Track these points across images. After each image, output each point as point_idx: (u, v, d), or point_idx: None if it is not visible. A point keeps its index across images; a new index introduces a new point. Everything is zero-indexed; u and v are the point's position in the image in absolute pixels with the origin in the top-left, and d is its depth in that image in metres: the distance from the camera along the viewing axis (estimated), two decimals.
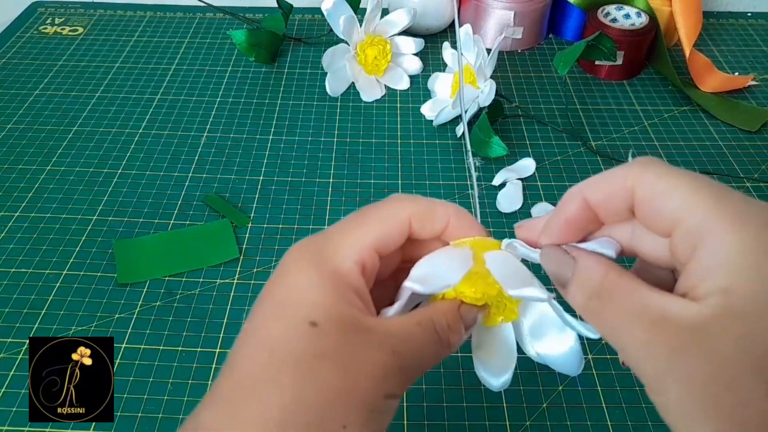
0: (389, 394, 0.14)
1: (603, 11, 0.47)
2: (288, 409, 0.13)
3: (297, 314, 0.14)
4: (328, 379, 0.13)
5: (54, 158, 0.39)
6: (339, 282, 0.14)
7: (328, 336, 0.13)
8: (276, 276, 0.15)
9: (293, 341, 0.13)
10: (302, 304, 0.14)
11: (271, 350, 0.13)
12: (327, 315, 0.14)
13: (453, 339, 0.16)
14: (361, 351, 0.14)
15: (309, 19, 0.54)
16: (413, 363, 0.14)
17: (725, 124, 0.43)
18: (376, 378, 0.13)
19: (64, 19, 0.54)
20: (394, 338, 0.14)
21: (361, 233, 0.15)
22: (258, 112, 0.44)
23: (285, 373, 0.13)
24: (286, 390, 0.13)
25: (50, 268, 0.32)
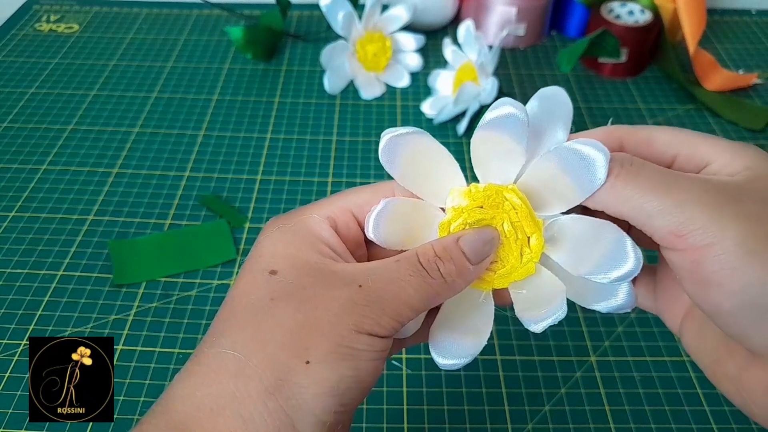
0: (360, 328, 0.13)
1: (607, 8, 0.46)
2: (245, 350, 0.13)
3: (257, 266, 0.14)
4: (283, 317, 0.13)
5: (49, 158, 0.39)
6: (303, 233, 0.14)
7: (286, 279, 0.13)
8: (256, 242, 0.15)
9: (252, 290, 0.14)
10: (263, 256, 0.14)
11: (234, 304, 0.14)
12: (288, 263, 0.14)
13: (445, 268, 0.14)
14: (321, 289, 0.13)
15: (307, 16, 0.53)
16: (389, 296, 0.13)
17: (729, 122, 0.43)
18: (337, 311, 0.13)
19: (60, 17, 0.53)
20: (362, 274, 0.14)
21: (335, 198, 0.16)
22: (255, 111, 0.43)
23: (242, 320, 0.13)
24: (241, 333, 0.13)
25: (46, 269, 0.32)
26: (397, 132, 0.15)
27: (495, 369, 0.28)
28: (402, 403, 0.27)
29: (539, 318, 0.15)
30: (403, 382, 0.27)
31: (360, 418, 0.26)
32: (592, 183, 0.13)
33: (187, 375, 0.13)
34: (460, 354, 0.15)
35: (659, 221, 0.13)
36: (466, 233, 0.15)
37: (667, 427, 0.26)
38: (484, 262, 0.15)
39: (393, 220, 0.15)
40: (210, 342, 0.13)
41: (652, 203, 0.13)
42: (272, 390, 0.12)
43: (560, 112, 0.15)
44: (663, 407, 0.27)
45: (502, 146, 0.14)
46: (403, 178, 0.15)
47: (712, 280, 0.13)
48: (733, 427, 0.26)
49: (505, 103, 0.14)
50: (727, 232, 0.12)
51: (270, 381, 0.12)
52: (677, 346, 0.29)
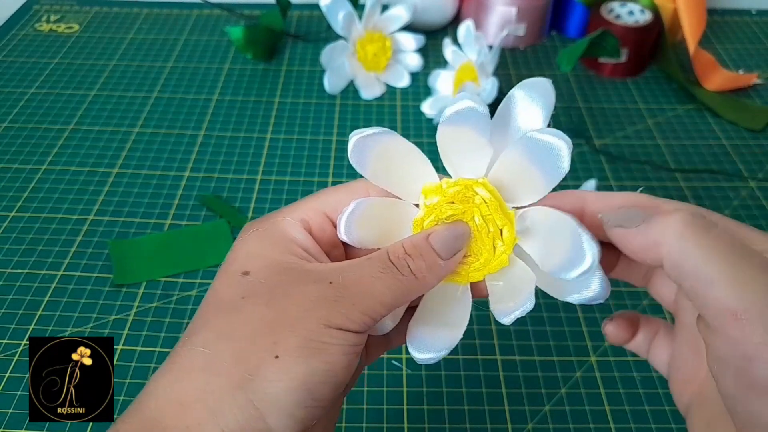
0: (329, 323, 0.13)
1: (607, 8, 0.46)
2: (214, 346, 0.13)
3: (231, 268, 0.14)
4: (253, 314, 0.13)
5: (50, 158, 0.39)
6: (276, 234, 0.15)
7: (257, 279, 0.14)
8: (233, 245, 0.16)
9: (224, 291, 0.14)
10: (237, 258, 0.15)
11: (207, 305, 0.14)
12: (260, 263, 0.14)
13: (417, 266, 0.14)
14: (292, 286, 0.13)
15: (307, 16, 0.53)
16: (359, 293, 0.13)
17: (729, 122, 0.43)
18: (307, 307, 0.13)
19: (60, 17, 0.53)
20: (333, 272, 0.14)
21: (309, 199, 0.16)
22: (256, 110, 0.43)
23: (211, 317, 0.14)
24: (211, 330, 0.13)
25: (46, 269, 0.32)
26: (364, 133, 0.15)
27: (495, 369, 0.28)
28: (402, 403, 0.27)
29: (509, 311, 0.15)
30: (403, 382, 0.27)
31: (360, 418, 0.26)
32: (558, 172, 0.14)
33: (161, 373, 0.13)
34: (436, 348, 0.15)
35: (719, 291, 0.11)
36: (437, 229, 0.15)
37: (667, 427, 0.26)
38: (455, 257, 0.15)
39: (365, 221, 0.15)
40: (184, 341, 0.13)
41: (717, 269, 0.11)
42: (241, 384, 0.12)
43: (541, 100, 0.15)
44: (663, 407, 0.27)
45: (467, 140, 0.14)
46: (375, 177, 0.15)
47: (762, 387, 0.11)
48: None
49: (464, 98, 0.14)
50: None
51: (239, 375, 0.12)
52: None
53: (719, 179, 0.38)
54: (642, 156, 0.40)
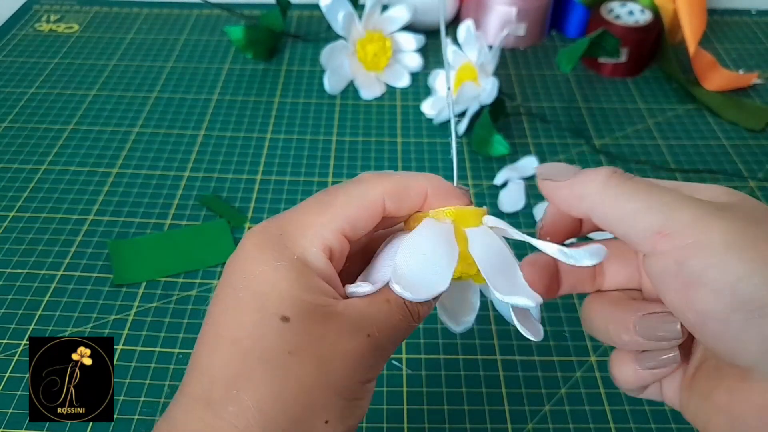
0: (366, 378, 0.14)
1: (607, 8, 0.46)
2: (268, 410, 0.12)
3: (266, 308, 0.13)
4: (304, 375, 0.13)
5: (49, 158, 0.39)
6: (305, 270, 0.14)
7: (300, 330, 0.13)
8: (236, 263, 0.14)
9: (265, 338, 0.13)
10: (270, 297, 0.13)
11: (243, 348, 0.13)
12: (296, 308, 0.13)
13: (422, 311, 0.15)
14: (334, 341, 0.13)
15: (307, 16, 0.53)
16: (387, 342, 0.14)
17: (729, 122, 0.43)
18: (352, 366, 0.13)
19: (60, 17, 0.53)
20: (366, 321, 0.14)
21: (328, 217, 0.15)
22: (255, 110, 0.43)
23: (260, 372, 0.13)
24: (263, 390, 0.13)
25: (46, 269, 0.32)
26: None
27: (495, 369, 0.28)
28: (402, 403, 0.27)
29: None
30: (403, 382, 0.27)
31: None
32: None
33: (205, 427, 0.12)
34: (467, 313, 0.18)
35: (644, 220, 0.13)
36: None
37: (667, 427, 0.26)
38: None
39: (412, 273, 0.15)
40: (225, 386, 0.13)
41: (638, 202, 0.13)
42: None
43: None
44: (663, 407, 0.26)
45: None
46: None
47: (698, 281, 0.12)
48: None
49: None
50: (713, 231, 0.12)
51: None
52: None
53: (719, 179, 0.38)
54: (642, 156, 0.40)
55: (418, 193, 0.16)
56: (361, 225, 0.15)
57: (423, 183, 0.16)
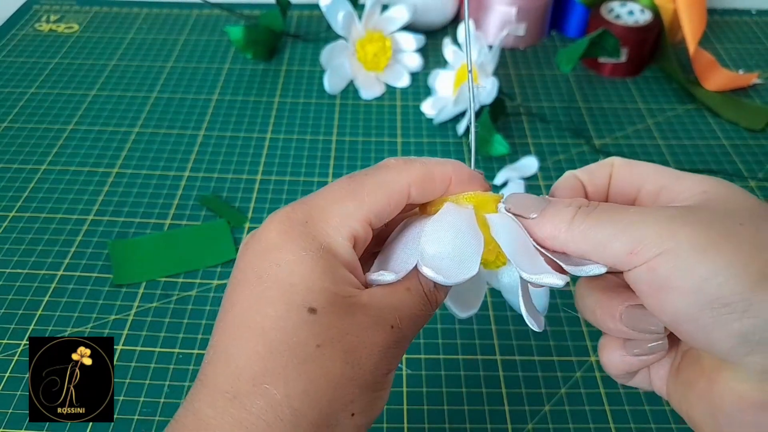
0: (389, 369, 0.14)
1: (607, 8, 0.46)
2: (297, 405, 0.12)
3: (293, 299, 0.13)
4: (332, 369, 0.13)
5: (49, 158, 0.39)
6: (332, 260, 0.14)
7: (327, 322, 0.13)
8: (259, 248, 0.14)
9: (293, 330, 0.13)
10: (297, 288, 0.13)
11: (270, 340, 0.13)
12: (323, 299, 0.13)
13: (440, 297, 0.15)
14: (360, 334, 0.13)
15: (307, 16, 0.53)
16: (409, 331, 0.14)
17: (729, 122, 0.43)
18: (377, 358, 0.13)
19: (60, 17, 0.53)
20: (389, 311, 0.14)
21: (354, 205, 0.14)
22: (255, 110, 0.43)
23: (289, 366, 0.13)
24: (292, 384, 0.12)
25: (46, 269, 0.32)
26: None
27: (495, 369, 0.28)
28: (402, 403, 0.27)
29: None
30: (403, 382, 0.27)
31: None
32: None
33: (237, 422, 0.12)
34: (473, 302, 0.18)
35: (614, 247, 0.13)
36: None
37: (667, 427, 0.26)
38: None
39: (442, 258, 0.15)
40: (254, 382, 0.12)
41: (605, 231, 0.14)
42: None
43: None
44: (663, 407, 0.26)
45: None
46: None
47: (667, 285, 0.13)
48: None
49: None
50: (679, 237, 0.13)
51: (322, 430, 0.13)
52: None
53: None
54: (642, 156, 0.40)
55: (442, 180, 0.15)
56: (387, 213, 0.15)
57: (448, 170, 0.15)
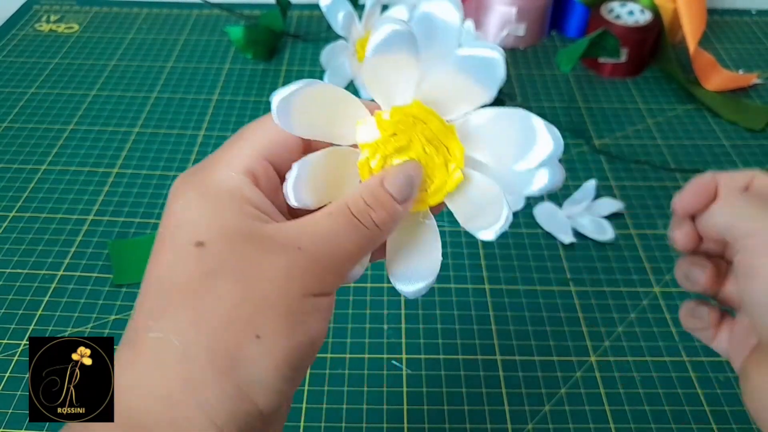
0: (308, 292, 0.13)
1: (607, 8, 0.46)
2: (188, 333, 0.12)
3: (181, 238, 0.13)
4: (224, 293, 0.12)
5: (49, 158, 0.39)
6: (226, 197, 0.13)
7: (217, 252, 0.12)
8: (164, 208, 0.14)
9: (180, 265, 0.13)
10: (185, 227, 0.13)
11: (160, 279, 0.13)
12: (214, 232, 0.13)
13: (378, 216, 0.14)
14: (256, 258, 0.12)
15: (307, 16, 0.53)
16: (329, 254, 0.13)
17: (729, 122, 0.43)
18: (282, 279, 0.12)
19: (60, 17, 0.53)
20: (298, 235, 0.13)
21: (245, 144, 0.14)
22: (256, 110, 0.43)
23: (176, 300, 0.12)
24: (180, 316, 0.12)
25: (46, 269, 0.32)
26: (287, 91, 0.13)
27: (495, 369, 0.28)
28: (402, 403, 0.27)
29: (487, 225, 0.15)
30: (403, 382, 0.27)
31: (360, 418, 0.26)
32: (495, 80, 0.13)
33: (129, 364, 0.12)
34: (420, 277, 0.15)
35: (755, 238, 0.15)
36: (390, 173, 0.14)
37: (667, 427, 0.26)
38: (410, 200, 0.14)
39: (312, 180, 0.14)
40: (144, 326, 0.12)
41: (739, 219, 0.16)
42: (225, 370, 0.12)
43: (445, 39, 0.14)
44: (663, 407, 0.27)
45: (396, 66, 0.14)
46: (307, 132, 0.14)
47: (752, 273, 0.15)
48: (733, 427, 0.26)
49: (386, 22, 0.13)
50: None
51: (221, 362, 0.12)
52: (677, 346, 0.29)
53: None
54: (642, 156, 0.40)
55: None
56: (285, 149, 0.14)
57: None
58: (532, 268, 0.32)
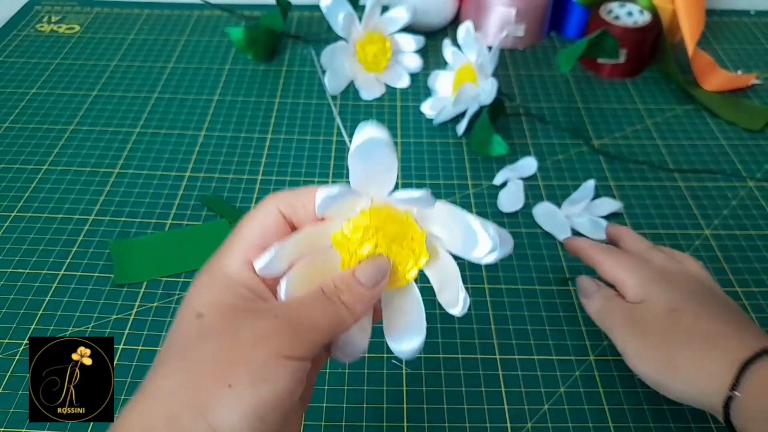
0: (279, 353, 0.15)
1: (606, 9, 0.47)
2: (176, 380, 0.15)
3: (188, 312, 0.16)
4: (208, 350, 0.15)
5: (51, 158, 0.39)
6: (227, 281, 0.16)
7: (211, 321, 0.16)
8: None
9: (182, 332, 0.16)
10: (193, 303, 0.16)
11: (168, 343, 0.16)
12: (211, 307, 0.16)
13: (347, 298, 0.17)
14: (239, 324, 0.15)
15: (308, 17, 0.54)
16: (301, 323, 0.16)
17: (728, 123, 0.43)
18: (255, 340, 0.15)
19: (61, 17, 0.53)
20: (277, 307, 0.16)
21: (242, 236, 0.17)
22: (256, 111, 0.43)
23: (173, 354, 0.15)
24: (173, 366, 0.15)
25: (47, 269, 0.32)
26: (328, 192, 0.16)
27: (494, 368, 0.28)
28: (402, 402, 0.27)
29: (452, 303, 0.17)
30: (403, 382, 0.27)
31: (360, 418, 0.26)
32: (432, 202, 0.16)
33: (132, 404, 0.15)
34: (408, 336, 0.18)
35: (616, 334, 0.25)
36: (361, 265, 0.17)
37: (666, 426, 0.26)
38: (380, 285, 0.17)
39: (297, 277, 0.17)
40: (150, 375, 0.15)
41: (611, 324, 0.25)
42: (201, 411, 0.14)
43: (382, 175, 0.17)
44: (662, 406, 0.27)
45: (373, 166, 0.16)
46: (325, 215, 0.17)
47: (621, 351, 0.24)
48: None
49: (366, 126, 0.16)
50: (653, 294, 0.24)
51: (198, 404, 0.14)
52: None
53: (717, 179, 0.38)
54: (641, 156, 0.40)
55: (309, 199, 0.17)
56: (270, 235, 0.17)
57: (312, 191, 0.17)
58: (531, 267, 0.32)
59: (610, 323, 0.25)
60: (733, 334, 0.22)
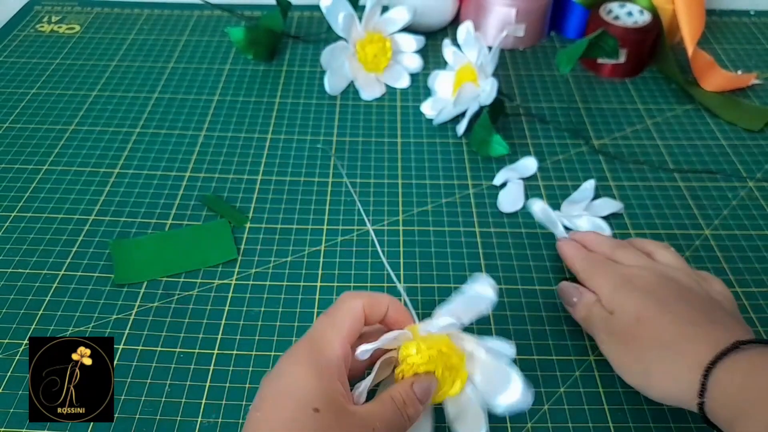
0: None
1: (606, 9, 0.47)
2: None
3: (303, 401, 0.19)
4: None
5: (51, 158, 0.39)
6: (331, 373, 0.20)
7: (326, 419, 0.19)
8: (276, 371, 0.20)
9: (302, 423, 0.18)
10: (305, 393, 0.19)
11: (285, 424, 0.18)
12: (325, 403, 0.19)
13: (410, 412, 0.21)
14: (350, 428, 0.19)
15: (308, 17, 0.54)
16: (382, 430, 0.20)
17: (728, 123, 0.43)
18: None
19: (61, 17, 0.53)
20: (371, 418, 0.20)
21: (338, 329, 0.21)
22: (256, 111, 0.43)
23: None
24: None
25: (47, 269, 0.32)
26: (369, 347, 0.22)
27: None
28: None
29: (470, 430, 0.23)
30: None
31: None
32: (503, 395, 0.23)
33: None
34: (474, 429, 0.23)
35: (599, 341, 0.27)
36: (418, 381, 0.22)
37: (666, 426, 0.26)
38: (428, 401, 0.22)
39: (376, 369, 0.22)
40: None
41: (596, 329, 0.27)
42: None
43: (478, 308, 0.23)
44: (662, 406, 0.27)
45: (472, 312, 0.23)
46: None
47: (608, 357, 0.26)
48: None
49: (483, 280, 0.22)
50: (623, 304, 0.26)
51: None
52: None
53: (717, 179, 0.38)
54: (640, 156, 0.40)
55: (383, 303, 0.23)
56: (356, 331, 0.22)
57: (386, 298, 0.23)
58: (531, 267, 0.32)
59: (594, 331, 0.26)
60: (700, 334, 0.22)
